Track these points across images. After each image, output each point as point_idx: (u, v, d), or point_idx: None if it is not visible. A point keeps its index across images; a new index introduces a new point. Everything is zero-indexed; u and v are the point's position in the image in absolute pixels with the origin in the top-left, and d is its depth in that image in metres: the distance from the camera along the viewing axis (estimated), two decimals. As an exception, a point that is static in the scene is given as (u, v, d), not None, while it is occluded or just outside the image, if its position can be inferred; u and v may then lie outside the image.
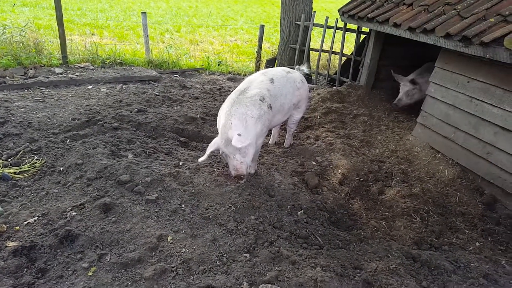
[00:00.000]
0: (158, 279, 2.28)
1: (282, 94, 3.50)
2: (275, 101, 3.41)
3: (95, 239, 2.59)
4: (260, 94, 3.23)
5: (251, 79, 3.48)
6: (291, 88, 3.64)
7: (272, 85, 3.42)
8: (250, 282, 2.33)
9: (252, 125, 3.08)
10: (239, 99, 3.17)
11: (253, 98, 3.17)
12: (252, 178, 3.56)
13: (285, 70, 3.71)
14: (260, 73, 3.55)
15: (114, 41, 9.83)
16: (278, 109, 3.48)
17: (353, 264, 2.63)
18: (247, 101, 3.14)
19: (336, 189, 3.61)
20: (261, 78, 3.44)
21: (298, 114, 4.04)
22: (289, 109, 3.72)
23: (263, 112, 3.16)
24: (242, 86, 3.37)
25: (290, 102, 3.66)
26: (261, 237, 2.77)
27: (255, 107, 3.11)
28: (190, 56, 8.94)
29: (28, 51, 7.17)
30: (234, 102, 3.14)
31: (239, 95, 3.22)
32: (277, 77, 3.53)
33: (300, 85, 3.80)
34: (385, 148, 4.43)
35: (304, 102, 3.97)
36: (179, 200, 3.11)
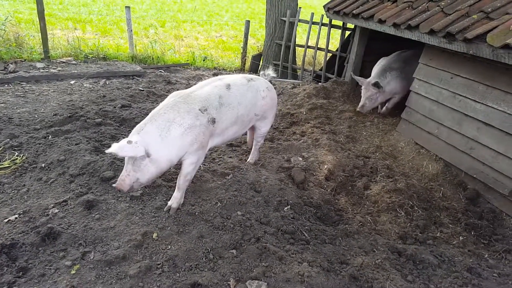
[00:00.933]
0: (143, 277, 2.24)
1: (241, 104, 3.02)
2: (228, 112, 2.90)
3: (78, 237, 2.53)
4: (204, 103, 2.74)
5: (204, 82, 3.01)
6: (253, 98, 3.15)
7: (227, 92, 2.93)
8: (237, 279, 2.31)
9: (177, 136, 2.54)
10: (176, 102, 2.65)
11: (191, 106, 2.67)
12: (238, 174, 3.54)
13: (247, 78, 3.23)
14: (217, 78, 3.11)
15: (97, 35, 9.63)
16: (232, 121, 2.98)
17: (340, 259, 2.64)
18: (183, 107, 2.63)
19: (322, 184, 3.62)
20: (217, 83, 2.97)
21: (265, 126, 3.53)
22: (250, 121, 3.26)
23: (198, 123, 2.63)
24: (190, 89, 2.92)
25: (251, 113, 3.19)
26: (248, 233, 2.76)
27: (189, 116, 2.60)
28: (175, 52, 8.83)
29: (8, 45, 6.95)
30: (167, 105, 2.64)
31: (179, 97, 2.73)
32: (236, 84, 3.05)
33: (265, 94, 3.29)
34: (370, 143, 4.46)
35: (271, 113, 3.48)
36: (164, 197, 3.07)
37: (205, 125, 2.70)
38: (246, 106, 3.08)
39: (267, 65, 8.03)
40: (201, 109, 2.68)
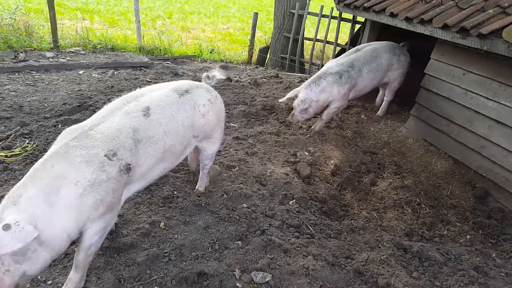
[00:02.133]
0: (151, 264, 2.26)
1: (169, 133, 2.19)
2: (150, 149, 2.08)
3: (86, 225, 2.55)
4: (111, 145, 1.88)
5: (111, 106, 2.11)
6: (187, 119, 2.35)
7: (145, 122, 2.06)
8: (242, 269, 2.32)
9: (72, 200, 1.71)
10: (68, 147, 1.81)
11: (92, 152, 1.81)
12: (244, 167, 3.54)
13: (179, 90, 2.37)
14: (132, 95, 2.21)
15: (105, 26, 9.63)
16: (157, 159, 2.17)
17: (345, 253, 2.64)
18: (80, 155, 1.78)
19: (328, 179, 3.61)
20: (130, 108, 2.07)
21: (211, 146, 2.77)
22: (187, 147, 2.50)
23: (104, 177, 1.82)
24: (90, 120, 2.02)
25: (186, 138, 2.40)
26: (253, 225, 2.76)
27: (89, 168, 1.77)
28: (182, 43, 8.81)
29: (19, 35, 6.98)
30: (56, 152, 1.79)
31: (73, 138, 1.86)
32: (159, 106, 2.17)
33: (207, 108, 2.49)
34: (378, 139, 4.43)
35: (218, 129, 2.72)
36: (172, 187, 3.08)
37: (115, 178, 1.86)
38: (178, 133, 2.25)
39: (274, 58, 7.99)
40: (107, 155, 1.85)
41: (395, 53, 4.58)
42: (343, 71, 4.15)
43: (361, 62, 4.30)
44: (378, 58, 4.43)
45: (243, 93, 5.70)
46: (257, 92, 5.84)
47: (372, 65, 4.38)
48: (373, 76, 4.41)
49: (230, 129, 4.56)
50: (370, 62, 4.35)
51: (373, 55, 4.41)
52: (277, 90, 5.94)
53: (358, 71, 4.24)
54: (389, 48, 4.59)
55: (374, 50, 4.48)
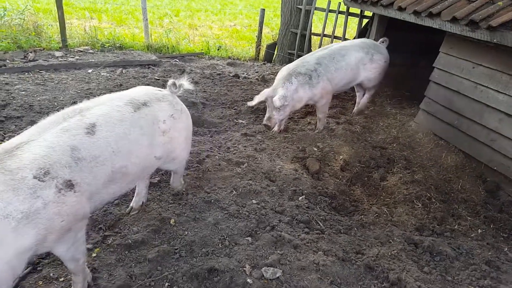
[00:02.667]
0: (162, 261, 2.29)
1: (119, 152, 1.90)
2: (97, 168, 1.81)
3: (98, 221, 2.59)
4: (40, 164, 1.60)
5: (47, 122, 1.82)
6: (143, 136, 2.03)
7: (88, 140, 1.79)
8: (252, 265, 2.34)
9: (7, 238, 1.45)
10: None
11: (16, 176, 1.52)
12: (253, 163, 3.55)
13: (136, 102, 2.06)
14: (76, 109, 1.91)
15: (113, 25, 9.68)
16: (106, 179, 1.87)
17: (355, 249, 2.64)
18: (1, 182, 1.49)
19: (337, 175, 3.60)
20: (70, 124, 1.79)
21: (175, 167, 2.58)
22: (143, 170, 2.15)
23: (41, 204, 1.54)
24: (16, 139, 1.72)
25: (143, 158, 2.07)
26: (262, 221, 2.77)
27: (17, 197, 1.48)
28: (190, 41, 8.83)
29: (28, 34, 7.06)
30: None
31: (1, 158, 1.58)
32: (107, 122, 1.88)
33: (170, 124, 2.18)
34: (387, 134, 4.40)
35: (183, 149, 2.42)
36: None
37: (55, 201, 1.58)
38: (130, 153, 1.94)
39: (281, 54, 7.96)
40: (37, 176, 1.55)
41: (368, 52, 4.36)
42: (311, 72, 4.00)
43: (327, 59, 4.13)
44: (346, 57, 4.24)
45: (251, 90, 5.70)
46: (265, 88, 5.82)
47: (341, 64, 4.20)
48: (342, 74, 4.22)
49: (238, 125, 4.57)
50: (338, 60, 4.17)
51: (341, 53, 4.22)
52: (284, 86, 5.92)
53: (325, 67, 4.08)
54: (360, 47, 4.37)
55: (343, 48, 4.31)
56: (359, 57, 4.31)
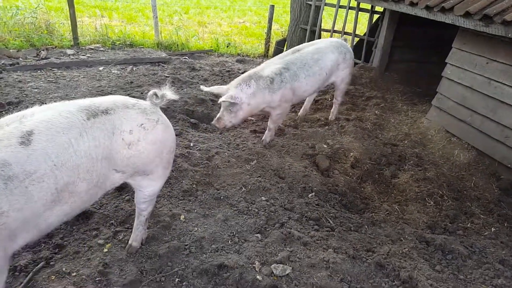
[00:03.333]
0: (172, 257, 2.30)
1: (63, 166, 1.58)
2: (34, 187, 1.49)
3: (110, 216, 2.62)
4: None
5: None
6: (97, 148, 1.70)
7: (21, 152, 1.47)
8: (262, 262, 2.33)
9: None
10: None
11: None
12: (262, 160, 3.55)
13: (95, 109, 1.74)
14: (18, 115, 1.62)
15: (123, 23, 9.75)
16: (49, 198, 1.56)
17: (366, 246, 2.62)
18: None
19: (347, 172, 3.57)
20: (5, 132, 1.50)
21: (149, 184, 2.07)
22: (100, 184, 1.79)
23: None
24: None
25: (97, 173, 1.73)
26: (272, 218, 2.77)
27: None
28: (199, 38, 8.84)
29: (40, 33, 7.15)
30: None
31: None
32: (48, 129, 1.57)
33: (138, 135, 1.83)
34: (398, 131, 4.36)
35: (159, 163, 2.00)
36: (191, 180, 3.11)
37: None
38: (79, 167, 1.63)
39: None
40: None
41: (341, 52, 4.03)
42: (275, 75, 3.53)
43: (297, 65, 3.68)
44: (321, 61, 3.84)
45: (260, 87, 5.68)
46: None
47: (314, 69, 3.79)
48: (314, 81, 3.83)
49: (247, 122, 4.57)
50: (310, 66, 3.75)
51: (314, 57, 3.79)
52: (294, 83, 5.89)
53: (293, 75, 3.64)
54: (335, 47, 4.01)
55: (317, 51, 3.87)
56: (334, 59, 3.97)
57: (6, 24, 7.06)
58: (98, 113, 1.71)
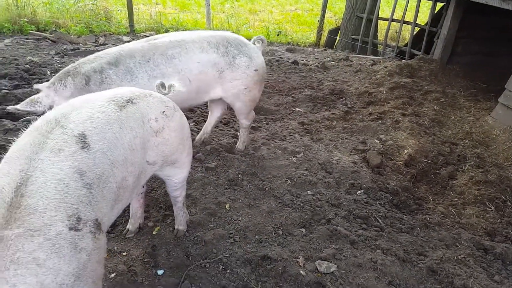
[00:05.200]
0: (217, 244, 2.32)
1: (117, 163, 1.52)
2: (106, 190, 1.46)
3: (159, 200, 2.70)
4: (66, 209, 1.26)
5: (25, 146, 1.34)
6: (135, 139, 1.65)
7: (87, 156, 1.41)
8: (306, 257, 2.29)
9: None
10: (9, 242, 1.12)
11: (51, 232, 1.20)
12: (309, 153, 3.47)
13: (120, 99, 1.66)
14: (51, 118, 1.45)
15: (176, 10, 9.96)
16: (114, 198, 1.55)
17: (417, 250, 2.48)
18: (37, 250, 1.16)
19: (400, 170, 3.39)
20: (56, 142, 1.35)
21: (178, 172, 2.06)
22: (140, 177, 1.75)
23: (85, 256, 1.29)
24: (11, 178, 1.26)
25: (138, 165, 1.69)
26: (317, 213, 2.70)
27: (61, 259, 1.20)
28: (250, 26, 8.81)
29: (99, 20, 7.51)
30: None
31: (6, 220, 1.16)
32: (96, 128, 1.48)
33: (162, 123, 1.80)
34: (459, 129, 4.06)
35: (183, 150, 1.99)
36: (237, 170, 3.12)
37: (94, 248, 1.33)
38: (126, 161, 1.57)
39: (345, 39, 7.64)
40: (72, 226, 1.25)
41: (224, 53, 2.74)
42: (93, 72, 2.43)
43: (135, 60, 2.52)
44: (177, 60, 2.59)
45: (309, 77, 5.56)
46: (324, 75, 5.66)
47: (164, 70, 2.56)
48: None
49: (295, 113, 4.49)
50: (157, 64, 2.55)
51: (166, 53, 2.58)
52: (346, 74, 5.70)
53: (125, 73, 2.49)
54: (213, 44, 2.71)
55: (176, 44, 2.63)
56: (208, 62, 2.70)
57: (68, 11, 7.49)
58: (125, 103, 1.65)
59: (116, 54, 2.54)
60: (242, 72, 2.80)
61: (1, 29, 6.65)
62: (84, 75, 2.43)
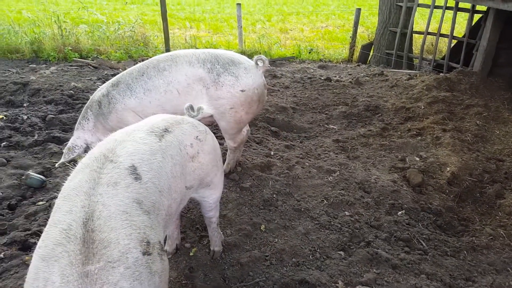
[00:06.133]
0: (253, 266, 2.30)
1: (163, 191, 1.59)
2: (159, 217, 1.55)
3: (195, 221, 2.72)
4: (137, 235, 1.34)
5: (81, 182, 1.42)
6: (176, 166, 1.71)
7: (141, 187, 1.48)
8: (345, 282, 2.21)
9: None
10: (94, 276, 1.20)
11: (129, 261, 1.27)
12: (345, 172, 3.39)
13: (157, 129, 1.72)
14: (97, 155, 1.52)
15: (209, 33, 10.28)
16: (163, 225, 1.62)
17: (464, 275, 2.34)
18: (120, 275, 1.24)
19: (443, 189, 3.23)
20: (110, 176, 1.42)
21: (212, 193, 2.09)
22: (180, 206, 1.83)
23: (157, 279, 1.36)
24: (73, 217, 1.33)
25: (179, 191, 1.74)
26: (356, 235, 2.62)
27: (141, 285, 1.28)
28: (281, 45, 8.91)
29: (137, 45, 7.88)
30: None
31: (83, 259, 1.21)
32: (143, 160, 1.55)
33: (197, 148, 1.85)
34: (504, 144, 3.83)
35: (216, 171, 2.03)
36: (272, 190, 3.10)
37: (163, 268, 1.41)
38: (170, 188, 1.64)
39: (378, 54, 7.53)
40: (145, 251, 1.32)
41: (211, 70, 2.71)
42: (102, 97, 2.73)
43: (133, 76, 2.72)
44: (167, 72, 2.69)
45: (343, 93, 5.49)
46: (359, 91, 5.57)
47: (155, 82, 2.68)
48: (159, 99, 2.70)
49: (329, 131, 4.43)
50: (150, 77, 2.69)
51: (159, 66, 2.71)
52: (382, 89, 5.57)
53: (125, 89, 2.69)
54: (199, 59, 2.74)
55: (166, 58, 2.76)
56: (192, 74, 2.70)
57: (109, 38, 7.93)
58: (162, 133, 1.71)
59: (119, 75, 2.80)
60: (227, 91, 2.75)
61: (48, 57, 7.13)
62: (97, 101, 2.75)
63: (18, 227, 2.68)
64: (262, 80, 2.89)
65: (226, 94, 2.74)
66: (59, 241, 1.21)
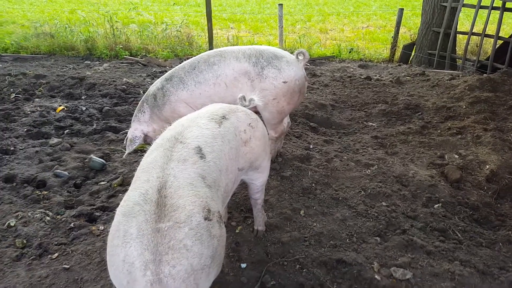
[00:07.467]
0: (293, 245, 2.50)
1: (222, 171, 1.82)
2: (220, 193, 1.77)
3: (240, 204, 2.96)
4: (198, 202, 1.53)
5: (154, 159, 1.69)
6: (232, 150, 1.94)
7: (205, 165, 1.70)
8: (381, 263, 2.36)
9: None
10: (168, 246, 1.39)
11: (192, 223, 1.46)
12: (383, 166, 3.50)
13: (216, 116, 1.95)
14: (169, 137, 1.78)
15: (250, 33, 10.56)
16: (222, 203, 1.83)
17: (499, 264, 2.40)
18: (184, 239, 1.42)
19: (481, 186, 3.26)
20: (180, 153, 1.68)
21: (260, 176, 2.30)
22: (234, 183, 2.04)
23: (216, 244, 1.54)
24: (148, 185, 1.58)
25: (234, 172, 1.97)
26: (392, 224, 2.75)
27: (203, 245, 1.45)
28: (321, 45, 9.01)
29: (183, 45, 8.30)
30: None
31: (156, 218, 1.44)
32: (207, 143, 1.79)
33: (249, 134, 2.06)
34: (549, 145, 3.77)
35: (265, 156, 2.23)
36: (310, 180, 3.28)
37: (221, 235, 1.58)
38: (228, 169, 1.86)
39: (420, 54, 7.47)
40: (206, 217, 1.51)
41: (256, 63, 2.90)
42: (157, 90, 3.04)
43: (185, 70, 2.99)
44: (216, 66, 2.91)
45: (383, 92, 5.55)
46: (399, 90, 5.60)
47: (206, 75, 2.92)
48: (209, 90, 2.93)
49: (368, 128, 4.53)
50: (201, 71, 2.93)
51: (209, 61, 2.94)
52: (422, 89, 5.58)
53: (178, 82, 2.97)
54: (245, 54, 2.94)
55: (214, 54, 3.00)
56: (239, 68, 2.91)
57: (156, 38, 8.41)
58: (221, 120, 1.93)
59: (172, 70, 3.10)
60: (270, 83, 2.92)
61: (101, 55, 7.71)
62: (152, 95, 3.05)
63: (84, 203, 3.05)
64: (302, 72, 3.07)
65: (269, 86, 2.92)
66: (138, 202, 1.46)
